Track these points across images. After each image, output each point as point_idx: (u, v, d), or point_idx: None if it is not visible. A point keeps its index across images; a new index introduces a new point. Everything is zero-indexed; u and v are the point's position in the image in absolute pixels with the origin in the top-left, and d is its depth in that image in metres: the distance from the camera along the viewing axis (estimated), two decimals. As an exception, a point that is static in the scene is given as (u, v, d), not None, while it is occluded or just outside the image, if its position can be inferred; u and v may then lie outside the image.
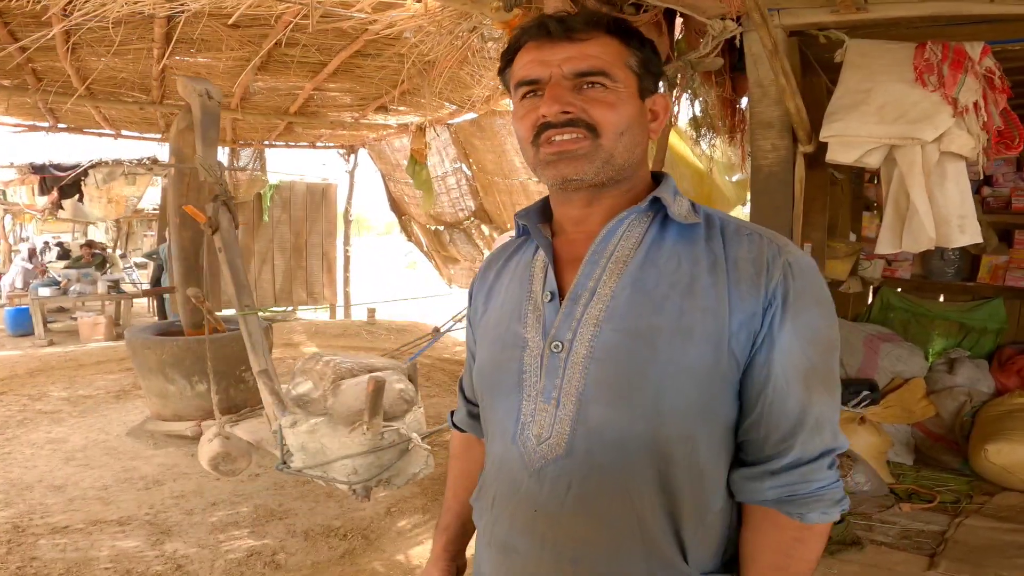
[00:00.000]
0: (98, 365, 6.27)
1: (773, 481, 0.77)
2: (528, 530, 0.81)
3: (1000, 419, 2.55)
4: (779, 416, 0.77)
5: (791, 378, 0.77)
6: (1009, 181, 3.17)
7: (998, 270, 3.17)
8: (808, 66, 1.85)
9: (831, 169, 1.92)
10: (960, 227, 1.44)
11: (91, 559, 2.71)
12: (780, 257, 0.79)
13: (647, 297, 0.80)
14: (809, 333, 0.78)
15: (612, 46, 0.83)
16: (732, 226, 0.84)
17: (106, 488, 3.42)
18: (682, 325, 0.77)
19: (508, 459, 0.84)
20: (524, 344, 0.85)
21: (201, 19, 3.24)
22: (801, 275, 0.79)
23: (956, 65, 1.50)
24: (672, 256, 0.82)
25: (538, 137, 0.82)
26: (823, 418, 0.78)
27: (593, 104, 0.81)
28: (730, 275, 0.79)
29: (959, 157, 1.46)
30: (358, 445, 2.46)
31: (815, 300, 0.79)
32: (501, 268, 0.97)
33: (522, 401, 0.83)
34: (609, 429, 0.77)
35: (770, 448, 0.78)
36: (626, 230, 0.85)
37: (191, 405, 4.15)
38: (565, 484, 0.79)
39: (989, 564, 1.79)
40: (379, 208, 12.05)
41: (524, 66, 0.84)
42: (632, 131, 0.83)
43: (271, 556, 2.77)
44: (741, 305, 0.77)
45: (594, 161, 0.81)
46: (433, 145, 6.30)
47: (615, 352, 0.78)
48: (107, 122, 5.97)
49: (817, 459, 0.77)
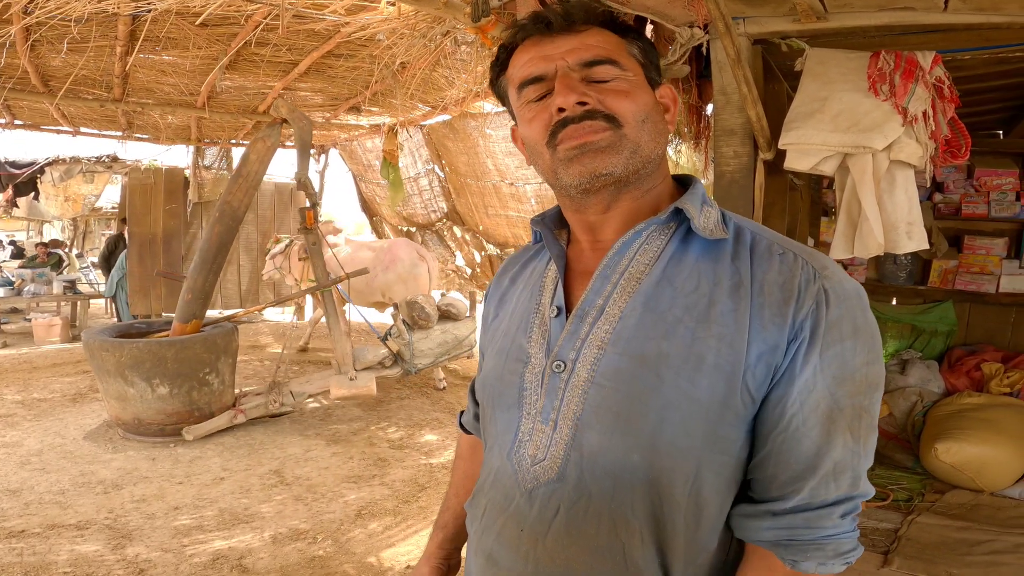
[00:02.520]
0: (54, 368, 6.07)
1: (773, 522, 0.71)
2: (513, 547, 0.79)
3: (949, 418, 2.60)
4: (790, 457, 0.70)
5: (809, 418, 0.69)
6: (959, 188, 3.31)
7: (948, 274, 3.31)
8: (772, 74, 1.92)
9: (791, 175, 1.99)
10: (908, 233, 1.51)
11: (49, 563, 2.63)
12: (815, 283, 0.70)
13: (658, 320, 0.73)
14: (838, 370, 0.69)
15: (610, 37, 0.78)
16: (765, 243, 0.75)
17: (63, 492, 3.32)
18: (693, 353, 0.70)
19: (503, 473, 0.81)
20: (527, 359, 0.81)
21: (168, 18, 3.19)
22: (839, 303, 0.70)
23: (907, 74, 1.57)
24: (692, 275, 0.74)
25: (554, 137, 0.75)
26: (844, 464, 0.70)
27: (608, 94, 0.74)
28: (754, 300, 0.71)
29: (908, 165, 1.54)
30: (439, 343, 4.89)
31: (852, 332, 0.70)
32: (517, 274, 0.93)
33: (521, 418, 0.79)
34: (603, 458, 0.73)
35: (776, 489, 0.71)
36: (644, 243, 0.78)
37: (152, 408, 4.06)
38: (554, 508, 0.75)
39: (940, 561, 1.82)
40: (351, 208, 11.93)
41: (524, 64, 0.78)
42: (652, 120, 0.77)
43: (238, 560, 2.73)
44: (763, 335, 0.70)
45: (621, 152, 0.74)
46: (406, 146, 6.28)
47: (617, 378, 0.73)
48: (65, 119, 5.81)
49: (829, 506, 0.70)
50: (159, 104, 5.19)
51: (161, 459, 3.84)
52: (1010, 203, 3.20)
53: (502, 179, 5.49)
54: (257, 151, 4.09)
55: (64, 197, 9.14)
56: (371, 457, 3.96)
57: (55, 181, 8.62)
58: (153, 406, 4.06)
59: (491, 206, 5.91)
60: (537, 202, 5.36)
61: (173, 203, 7.83)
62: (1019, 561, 1.81)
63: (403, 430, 4.48)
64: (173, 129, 6.56)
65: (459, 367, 6.35)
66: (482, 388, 0.90)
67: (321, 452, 4.03)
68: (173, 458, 3.86)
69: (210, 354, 4.22)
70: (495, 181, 5.59)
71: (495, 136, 5.10)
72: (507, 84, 0.82)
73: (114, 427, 4.26)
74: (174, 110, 5.32)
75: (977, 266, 3.26)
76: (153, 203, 7.92)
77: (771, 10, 1.65)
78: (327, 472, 3.72)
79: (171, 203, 7.81)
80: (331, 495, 3.41)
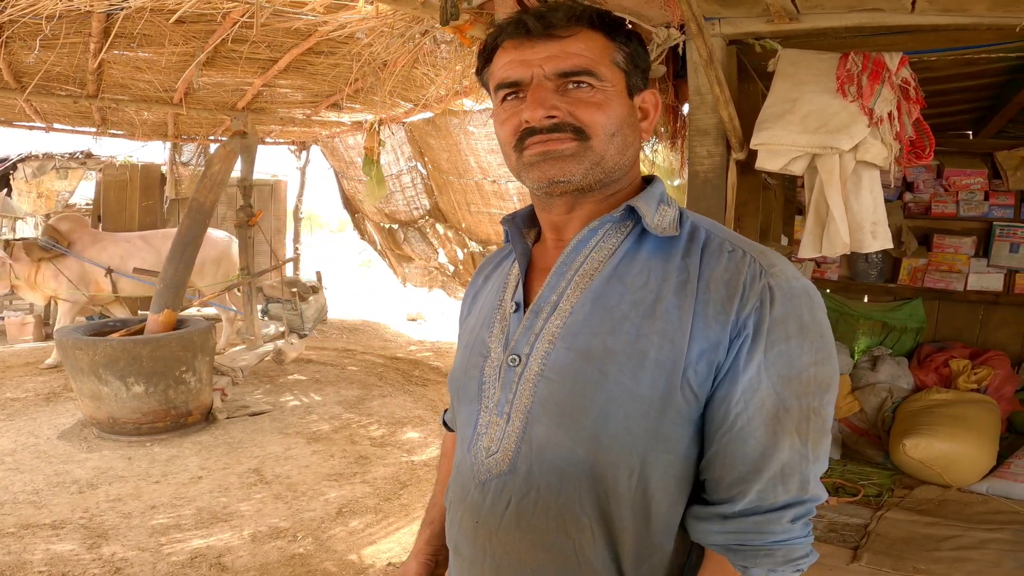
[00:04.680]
0: (26, 367, 5.96)
1: (722, 526, 0.71)
2: (471, 538, 0.81)
3: (918, 414, 2.64)
4: (734, 458, 0.70)
5: (754, 418, 0.69)
6: (929, 187, 3.40)
7: (917, 272, 3.39)
8: (747, 74, 1.95)
9: (764, 175, 2.03)
10: (872, 233, 1.55)
11: (24, 563, 2.60)
12: (760, 280, 0.71)
13: (606, 315, 0.74)
14: (784, 369, 0.69)
15: (596, 41, 0.77)
16: (716, 241, 0.76)
17: (37, 492, 3.28)
18: (636, 349, 0.71)
19: (463, 466, 0.83)
20: (487, 353, 0.82)
21: (143, 15, 3.15)
22: (784, 301, 0.70)
23: (874, 76, 1.61)
24: (642, 272, 0.76)
25: (521, 142, 0.77)
26: (791, 467, 0.69)
27: (579, 105, 0.75)
28: (699, 297, 0.71)
29: (873, 166, 1.58)
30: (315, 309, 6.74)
31: (798, 330, 0.69)
32: (490, 273, 0.95)
33: (480, 411, 0.81)
34: (550, 451, 0.73)
35: (724, 490, 0.71)
36: (600, 240, 0.79)
37: (127, 407, 4.01)
38: (505, 501, 0.77)
39: (908, 556, 1.84)
40: (332, 205, 11.84)
41: (503, 67, 0.78)
42: (623, 132, 0.78)
43: (216, 558, 2.72)
44: (704, 332, 0.70)
45: (583, 162, 0.75)
46: (388, 143, 6.26)
47: (564, 372, 0.74)
48: (38, 115, 5.70)
49: (778, 510, 0.69)
50: (134, 100, 5.10)
51: (137, 458, 3.79)
52: (978, 202, 3.29)
53: (484, 176, 5.50)
54: (219, 155, 4.55)
55: (37, 193, 8.95)
56: (352, 455, 3.96)
57: (28, 177, 8.44)
58: (128, 405, 4.01)
59: (473, 203, 5.91)
60: (519, 199, 5.37)
61: (149, 199, 7.72)
62: (984, 557, 1.84)
63: (384, 428, 4.48)
64: (149, 125, 6.46)
65: (442, 364, 6.35)
66: (450, 382, 0.92)
67: (301, 450, 4.01)
68: (150, 457, 3.82)
69: (186, 352, 4.18)
70: (477, 178, 5.59)
71: (477, 133, 5.10)
72: (488, 78, 0.83)
73: (89, 426, 4.20)
74: (150, 106, 5.23)
75: (946, 264, 3.35)
76: (129, 200, 7.80)
77: (745, 11, 1.68)
78: (307, 470, 3.70)
79: (147, 200, 7.70)
80: (312, 493, 3.40)
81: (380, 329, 8.25)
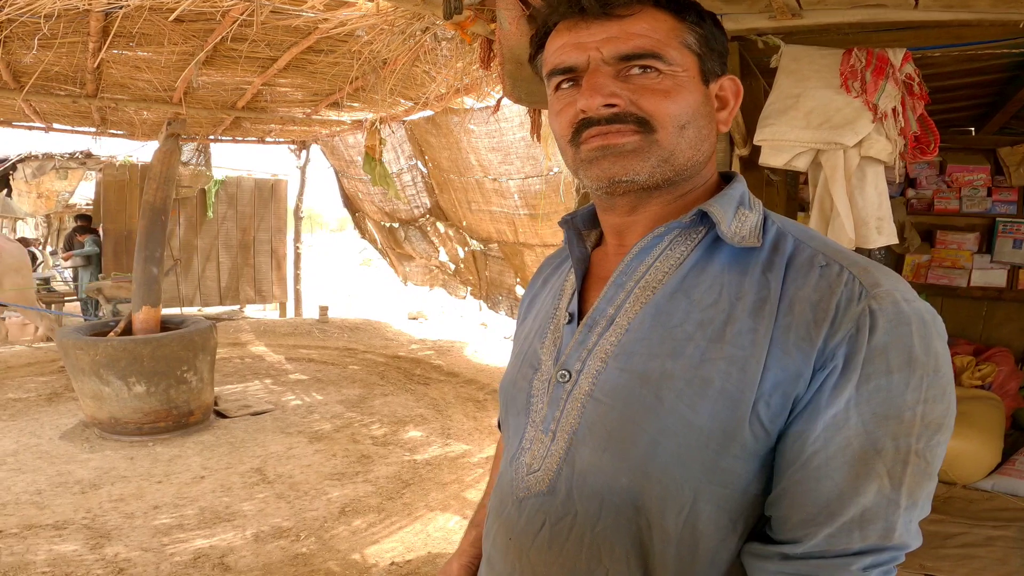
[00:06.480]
0: (28, 367, 5.96)
1: (781, 566, 0.61)
2: (503, 553, 0.77)
3: None
4: (806, 498, 0.60)
5: (835, 458, 0.59)
6: (932, 184, 3.39)
7: (920, 268, 3.38)
8: (749, 70, 1.94)
9: (767, 171, 2.02)
10: (878, 228, 1.55)
11: (27, 563, 2.60)
12: (859, 303, 0.60)
13: (667, 335, 0.66)
14: (881, 407, 0.58)
15: (663, 21, 0.67)
16: (807, 253, 0.65)
17: (40, 492, 3.28)
18: (699, 375, 0.63)
19: (504, 479, 0.78)
20: (538, 365, 0.76)
21: (142, 13, 3.14)
22: (889, 329, 0.59)
23: (878, 71, 1.60)
24: (713, 286, 0.66)
25: (578, 135, 0.68)
26: (874, 512, 0.59)
27: (644, 93, 0.66)
28: (779, 320, 0.62)
29: (878, 161, 1.57)
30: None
31: (905, 363, 0.58)
32: (548, 275, 0.88)
33: (527, 425, 0.75)
34: (592, 477, 0.67)
35: (789, 531, 0.62)
36: (667, 248, 0.70)
37: (128, 407, 4.01)
38: (540, 522, 0.71)
39: (914, 554, 1.83)
40: (332, 204, 11.84)
41: (556, 51, 0.70)
42: (696, 124, 0.68)
43: (219, 558, 2.72)
44: (782, 361, 0.60)
45: (648, 159, 0.67)
46: (388, 142, 6.25)
47: (615, 394, 0.67)
48: (38, 115, 5.69)
49: (851, 556, 0.59)
50: (134, 100, 5.10)
51: (139, 458, 3.79)
52: (981, 198, 3.28)
53: (485, 175, 5.49)
54: (158, 157, 4.76)
55: (37, 194, 8.96)
56: (354, 454, 3.95)
57: (27, 178, 8.45)
58: (130, 405, 4.01)
59: (474, 202, 5.90)
60: (520, 198, 5.36)
61: (150, 199, 7.70)
62: (991, 554, 1.83)
63: (387, 427, 4.48)
64: (149, 125, 6.45)
65: (443, 363, 6.35)
66: (500, 390, 0.87)
67: (304, 450, 4.01)
68: (152, 457, 3.82)
69: (187, 352, 4.18)
70: (478, 177, 5.58)
71: (478, 132, 5.09)
72: (541, 65, 0.74)
73: (91, 427, 4.20)
74: (149, 106, 5.23)
75: (949, 260, 3.34)
76: (129, 199, 7.79)
77: (747, 7, 1.67)
78: (310, 470, 3.70)
79: (148, 199, 7.68)
80: (314, 493, 3.39)
81: (381, 328, 8.25)
